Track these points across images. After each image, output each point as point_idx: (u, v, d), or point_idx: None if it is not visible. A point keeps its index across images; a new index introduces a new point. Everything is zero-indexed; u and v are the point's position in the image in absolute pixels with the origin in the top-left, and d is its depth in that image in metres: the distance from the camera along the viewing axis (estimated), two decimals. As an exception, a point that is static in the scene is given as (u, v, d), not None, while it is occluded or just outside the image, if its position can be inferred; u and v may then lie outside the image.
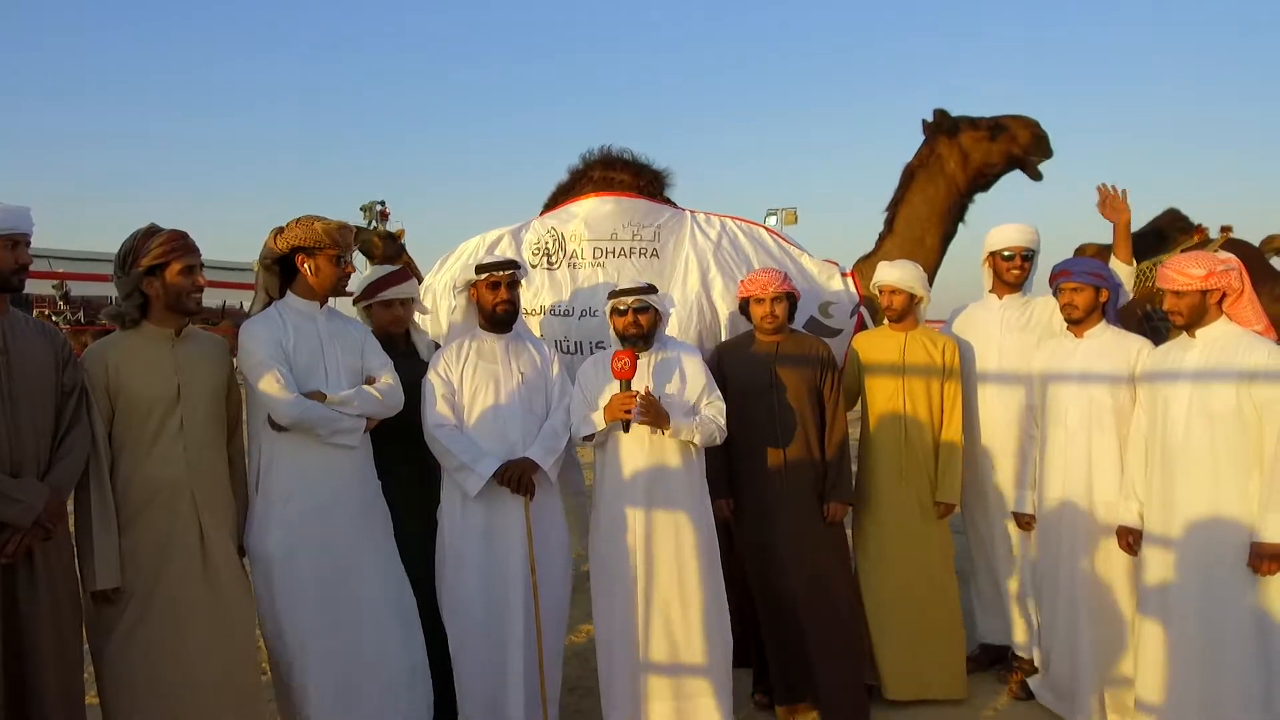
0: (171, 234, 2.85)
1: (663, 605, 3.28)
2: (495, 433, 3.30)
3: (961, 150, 4.59)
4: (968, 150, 4.58)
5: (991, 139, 4.55)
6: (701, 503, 3.40)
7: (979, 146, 4.57)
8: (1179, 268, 3.24)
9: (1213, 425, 3.16)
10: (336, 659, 2.99)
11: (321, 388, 3.01)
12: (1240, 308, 3.24)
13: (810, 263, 4.34)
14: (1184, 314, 3.26)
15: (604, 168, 4.35)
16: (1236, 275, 3.22)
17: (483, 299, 3.39)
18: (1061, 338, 3.77)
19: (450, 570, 3.29)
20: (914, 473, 3.84)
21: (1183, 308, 3.26)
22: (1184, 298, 3.24)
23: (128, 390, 2.79)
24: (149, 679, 2.73)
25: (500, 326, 3.40)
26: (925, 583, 3.80)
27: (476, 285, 3.40)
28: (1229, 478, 3.13)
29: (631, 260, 4.13)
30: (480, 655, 3.27)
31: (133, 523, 2.77)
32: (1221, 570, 3.11)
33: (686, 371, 3.42)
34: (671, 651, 3.29)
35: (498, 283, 3.37)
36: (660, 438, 3.29)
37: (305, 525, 2.98)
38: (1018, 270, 4.00)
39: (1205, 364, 3.22)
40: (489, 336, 3.42)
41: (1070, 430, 3.62)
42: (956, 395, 3.90)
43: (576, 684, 3.97)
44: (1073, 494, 3.60)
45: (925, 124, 4.69)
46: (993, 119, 4.59)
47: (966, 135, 4.58)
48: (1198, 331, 3.26)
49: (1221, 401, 3.15)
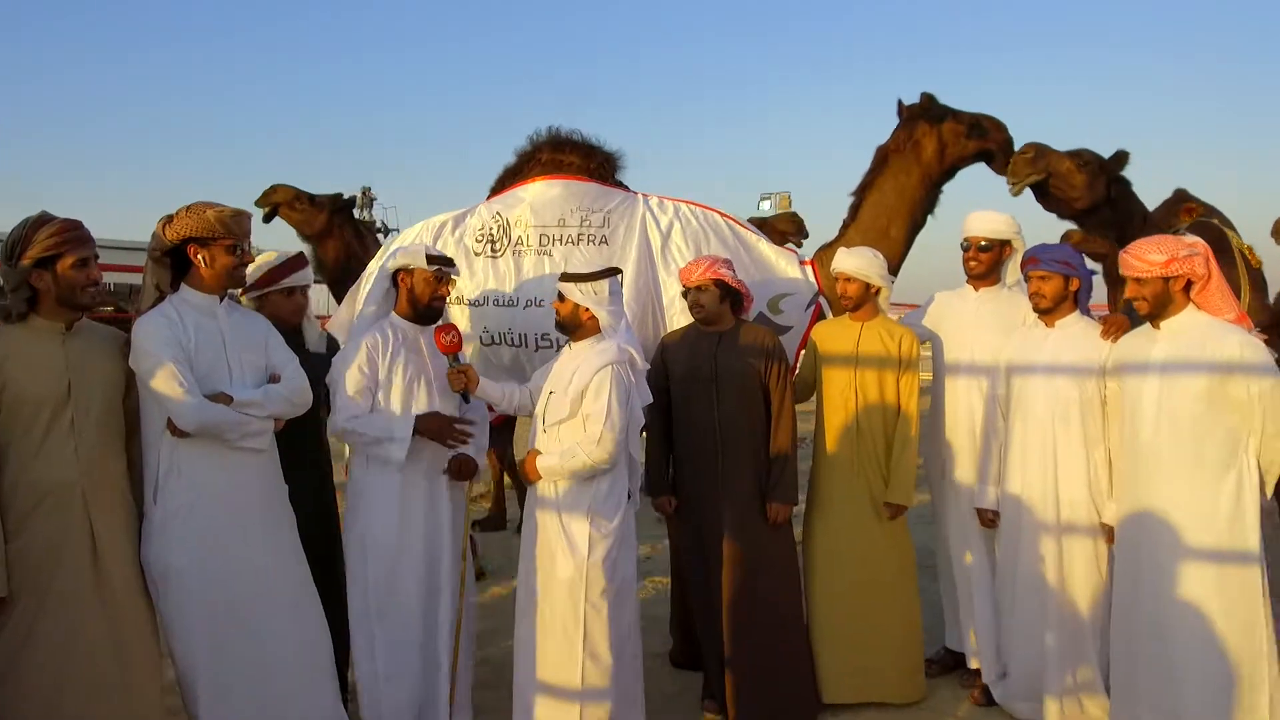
0: (63, 224, 2.69)
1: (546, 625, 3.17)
2: None
3: (941, 140, 4.40)
4: (947, 141, 4.40)
5: (970, 135, 4.40)
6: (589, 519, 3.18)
7: (958, 141, 4.41)
8: (1138, 253, 3.05)
9: (1180, 421, 2.99)
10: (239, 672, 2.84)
11: (226, 388, 2.85)
12: (1209, 295, 3.05)
13: (768, 250, 4.14)
14: (1148, 302, 3.07)
15: (552, 150, 4.17)
16: (1202, 261, 3.02)
17: (418, 290, 3.28)
18: (1031, 328, 3.58)
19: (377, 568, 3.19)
20: (866, 469, 3.66)
21: (1146, 295, 3.07)
22: (1146, 285, 3.06)
23: (13, 388, 2.64)
24: (39, 690, 2.61)
25: (428, 319, 3.31)
26: (874, 584, 3.61)
27: (411, 273, 3.27)
28: (1200, 477, 2.96)
29: (580, 248, 3.96)
30: (412, 654, 3.22)
31: (21, 528, 2.63)
32: (1188, 571, 2.95)
33: (582, 380, 3.13)
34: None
35: (441, 277, 3.30)
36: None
37: (210, 536, 2.81)
38: (974, 262, 3.80)
39: (1172, 356, 3.05)
40: (411, 327, 3.31)
41: (1034, 424, 3.44)
42: (912, 389, 3.71)
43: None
44: (1035, 490, 3.44)
45: (905, 106, 4.47)
46: (972, 115, 4.44)
47: (949, 125, 4.39)
48: (1163, 323, 3.07)
49: (1190, 397, 2.97)
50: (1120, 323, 3.37)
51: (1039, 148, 4.35)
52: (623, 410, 3.09)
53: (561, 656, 3.14)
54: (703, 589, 3.52)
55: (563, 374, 3.20)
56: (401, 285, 3.30)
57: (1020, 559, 3.47)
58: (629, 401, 3.14)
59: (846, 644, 3.60)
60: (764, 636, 3.44)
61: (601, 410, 3.06)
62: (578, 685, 3.11)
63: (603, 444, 3.05)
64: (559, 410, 3.14)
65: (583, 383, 3.10)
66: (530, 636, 3.19)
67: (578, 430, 3.11)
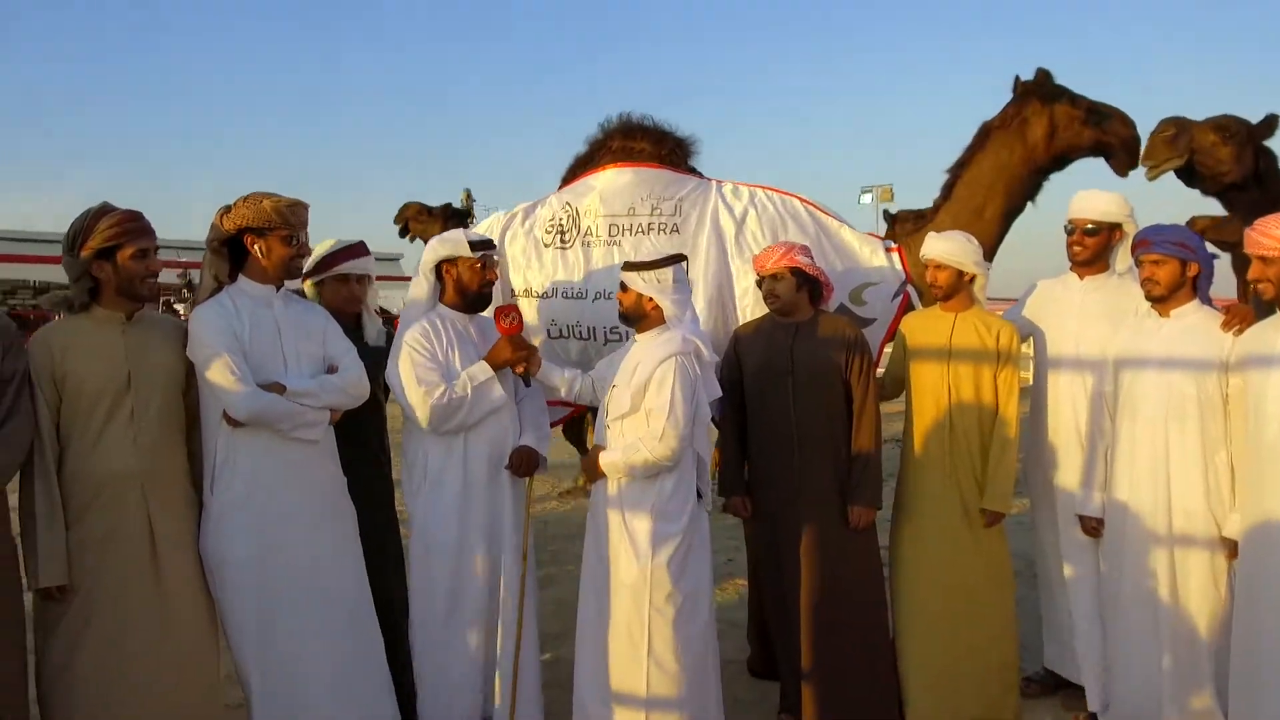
0: (124, 214, 2.70)
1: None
2: (488, 415, 3.15)
3: (1052, 121, 3.95)
4: (1059, 124, 3.94)
5: (1086, 122, 3.93)
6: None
7: (1071, 126, 3.94)
8: (1266, 228, 2.73)
9: None
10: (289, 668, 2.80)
11: (281, 378, 2.81)
12: None
13: (851, 236, 3.90)
14: (1274, 284, 2.75)
15: (623, 137, 4.03)
16: None
17: (465, 278, 3.20)
18: (1144, 318, 3.25)
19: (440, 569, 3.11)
20: (959, 473, 3.38)
21: (1272, 276, 2.74)
22: (1273, 264, 2.73)
23: (74, 377, 2.66)
24: (91, 682, 2.61)
25: (477, 306, 3.24)
26: (966, 596, 3.33)
27: (455, 263, 3.19)
28: None
29: (649, 237, 3.80)
30: (475, 655, 3.16)
31: (80, 518, 2.64)
32: None
33: (645, 373, 3.00)
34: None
35: (486, 263, 3.21)
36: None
37: (265, 528, 2.78)
38: (1079, 247, 3.47)
39: None
40: (461, 317, 3.22)
41: (1145, 424, 3.13)
42: (1012, 387, 3.41)
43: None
44: (1145, 498, 3.12)
45: (1019, 81, 4.12)
46: (1094, 102, 3.96)
47: (1063, 108, 3.94)
48: None
49: None
50: (1244, 313, 3.02)
51: (1179, 124, 3.93)
52: (687, 405, 2.94)
53: (625, 662, 3.00)
54: (778, 596, 3.32)
55: (626, 366, 3.06)
56: (447, 276, 3.23)
57: (1127, 573, 3.16)
58: (694, 396, 2.99)
59: (934, 660, 3.34)
60: (843, 649, 3.22)
61: (664, 404, 2.92)
62: (643, 693, 2.97)
63: (665, 440, 2.90)
64: (621, 404, 3.01)
65: (645, 375, 2.96)
66: (593, 641, 3.06)
67: (640, 425, 2.97)
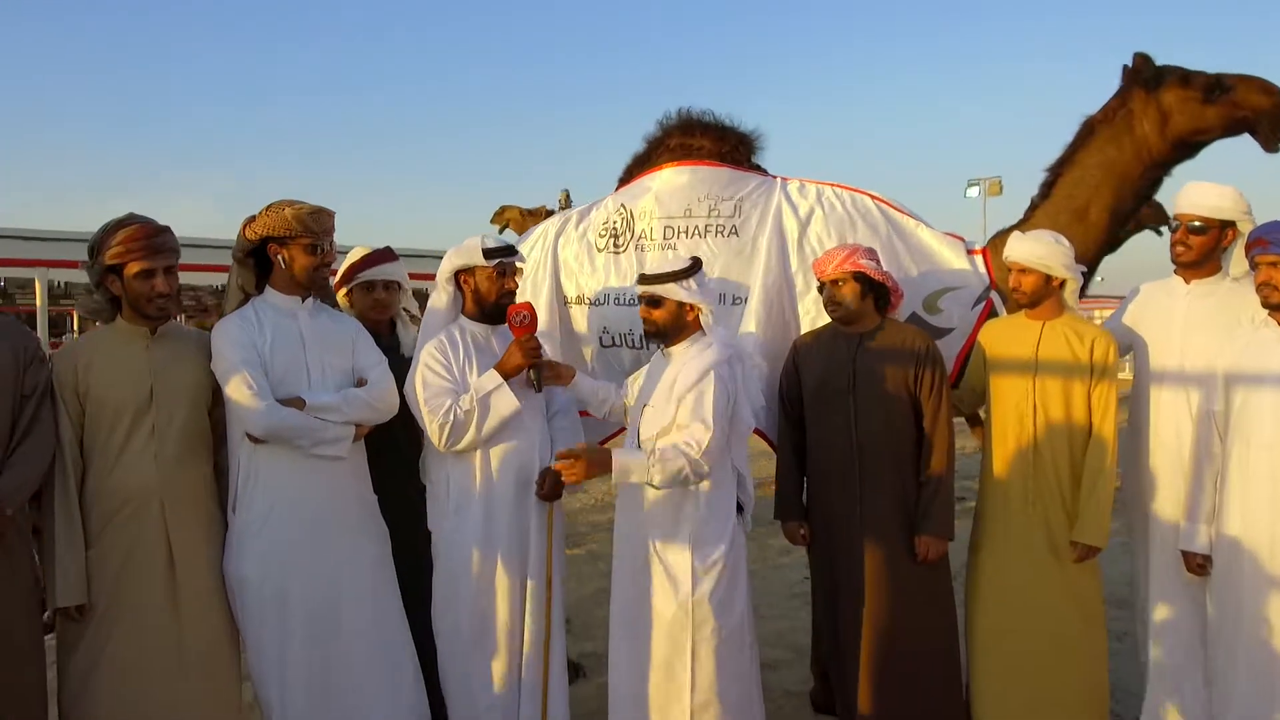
0: (134, 231, 2.59)
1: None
2: (513, 434, 2.94)
3: (1160, 109, 3.50)
4: (1169, 110, 3.49)
5: (1206, 100, 3.44)
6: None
7: (1187, 108, 3.47)
8: None
9: None
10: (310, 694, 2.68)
11: (305, 392, 2.70)
12: None
13: (930, 237, 3.57)
14: None
15: (682, 134, 3.78)
16: None
17: (483, 289, 2.99)
18: (1260, 328, 2.87)
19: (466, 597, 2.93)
20: (1045, 500, 3.04)
21: None
22: None
23: (96, 392, 2.60)
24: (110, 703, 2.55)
25: (497, 317, 3.02)
26: (1051, 638, 2.99)
27: (472, 272, 2.99)
28: None
29: (706, 240, 3.57)
30: (506, 683, 2.95)
31: (100, 535, 2.58)
32: None
33: (686, 383, 2.78)
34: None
35: (505, 270, 3.00)
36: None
37: (285, 547, 2.67)
38: (1182, 246, 3.08)
39: None
40: (480, 328, 3.03)
41: (1261, 449, 2.76)
42: (1108, 404, 3.05)
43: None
44: (1261, 532, 2.76)
45: (1125, 69, 3.70)
46: (1213, 76, 3.46)
47: (1171, 92, 3.48)
48: None
49: None
50: None
51: None
52: (722, 417, 2.72)
53: (666, 701, 2.79)
54: (832, 631, 3.06)
55: (664, 383, 2.83)
56: (465, 286, 3.03)
57: (1243, 619, 2.78)
58: (732, 406, 2.77)
59: (1014, 708, 3.02)
60: (909, 693, 2.93)
61: (704, 414, 2.70)
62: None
63: (707, 453, 2.68)
64: (660, 419, 2.79)
65: (686, 385, 2.75)
66: (628, 675, 2.85)
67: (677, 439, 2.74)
